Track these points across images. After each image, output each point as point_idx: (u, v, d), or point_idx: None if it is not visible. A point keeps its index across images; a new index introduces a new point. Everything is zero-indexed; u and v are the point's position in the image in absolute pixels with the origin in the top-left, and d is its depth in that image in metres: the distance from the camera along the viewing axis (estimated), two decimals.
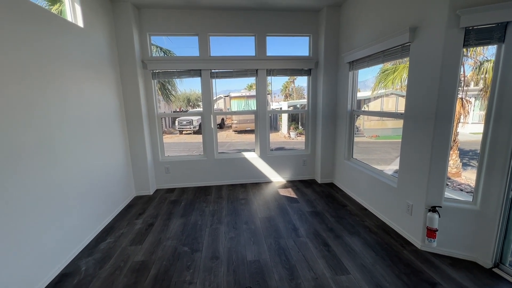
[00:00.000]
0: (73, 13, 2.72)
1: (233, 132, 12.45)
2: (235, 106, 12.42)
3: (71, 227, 2.42)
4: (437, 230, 2.25)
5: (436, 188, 2.28)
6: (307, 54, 4.20)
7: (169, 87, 7.76)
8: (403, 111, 2.59)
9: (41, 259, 2.03)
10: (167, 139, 10.95)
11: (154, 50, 5.90)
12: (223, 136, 11.77)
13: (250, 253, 2.41)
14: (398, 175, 2.70)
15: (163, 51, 6.41)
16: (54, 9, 3.76)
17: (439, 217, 2.24)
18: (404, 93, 2.68)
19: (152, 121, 4.01)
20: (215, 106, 4.30)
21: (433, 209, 2.26)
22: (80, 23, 2.75)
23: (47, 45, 2.21)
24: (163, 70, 3.92)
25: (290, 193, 3.90)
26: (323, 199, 3.63)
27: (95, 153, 2.89)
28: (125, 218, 3.18)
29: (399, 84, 5.34)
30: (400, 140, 2.64)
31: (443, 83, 2.12)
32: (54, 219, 2.20)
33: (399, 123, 2.68)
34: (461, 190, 4.71)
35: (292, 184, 4.30)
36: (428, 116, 2.26)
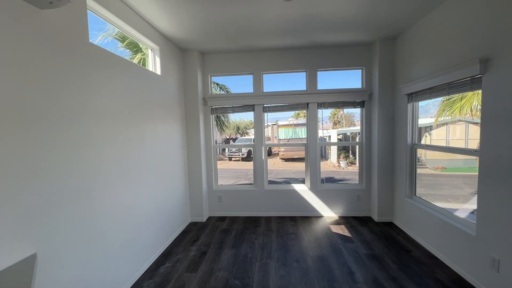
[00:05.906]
0: (154, 64, 3.29)
1: (280, 160, 12.49)
2: (282, 134, 12.54)
3: (140, 248, 2.69)
4: None
5: None
6: (360, 86, 4.15)
7: (223, 118, 8.40)
8: (476, 146, 2.30)
9: (115, 277, 2.29)
10: (217, 165, 11.55)
11: (212, 86, 6.55)
12: (270, 163, 11.88)
13: None
14: (477, 221, 2.33)
15: (219, 87, 7.07)
16: (137, 58, 4.57)
17: None
18: (476, 119, 2.37)
19: (209, 152, 4.35)
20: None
21: None
22: (158, 71, 3.29)
23: (134, 90, 2.69)
24: (220, 106, 4.32)
25: (343, 230, 3.66)
26: (382, 241, 3.30)
27: (162, 181, 3.24)
28: (181, 244, 3.40)
29: (469, 112, 4.74)
30: (475, 173, 2.31)
31: None
32: (129, 240, 2.49)
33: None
34: None
35: (345, 220, 4.05)
36: None
